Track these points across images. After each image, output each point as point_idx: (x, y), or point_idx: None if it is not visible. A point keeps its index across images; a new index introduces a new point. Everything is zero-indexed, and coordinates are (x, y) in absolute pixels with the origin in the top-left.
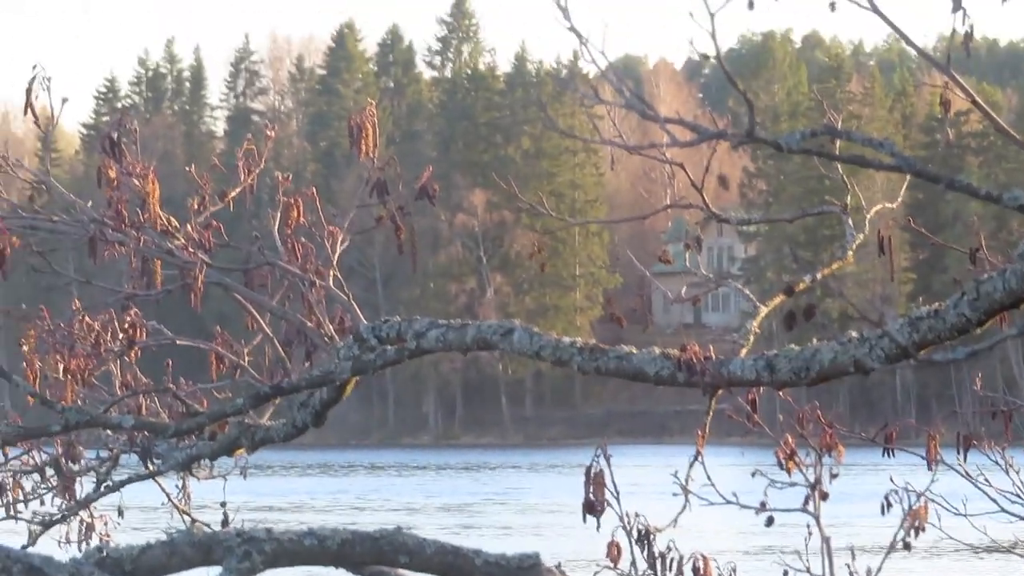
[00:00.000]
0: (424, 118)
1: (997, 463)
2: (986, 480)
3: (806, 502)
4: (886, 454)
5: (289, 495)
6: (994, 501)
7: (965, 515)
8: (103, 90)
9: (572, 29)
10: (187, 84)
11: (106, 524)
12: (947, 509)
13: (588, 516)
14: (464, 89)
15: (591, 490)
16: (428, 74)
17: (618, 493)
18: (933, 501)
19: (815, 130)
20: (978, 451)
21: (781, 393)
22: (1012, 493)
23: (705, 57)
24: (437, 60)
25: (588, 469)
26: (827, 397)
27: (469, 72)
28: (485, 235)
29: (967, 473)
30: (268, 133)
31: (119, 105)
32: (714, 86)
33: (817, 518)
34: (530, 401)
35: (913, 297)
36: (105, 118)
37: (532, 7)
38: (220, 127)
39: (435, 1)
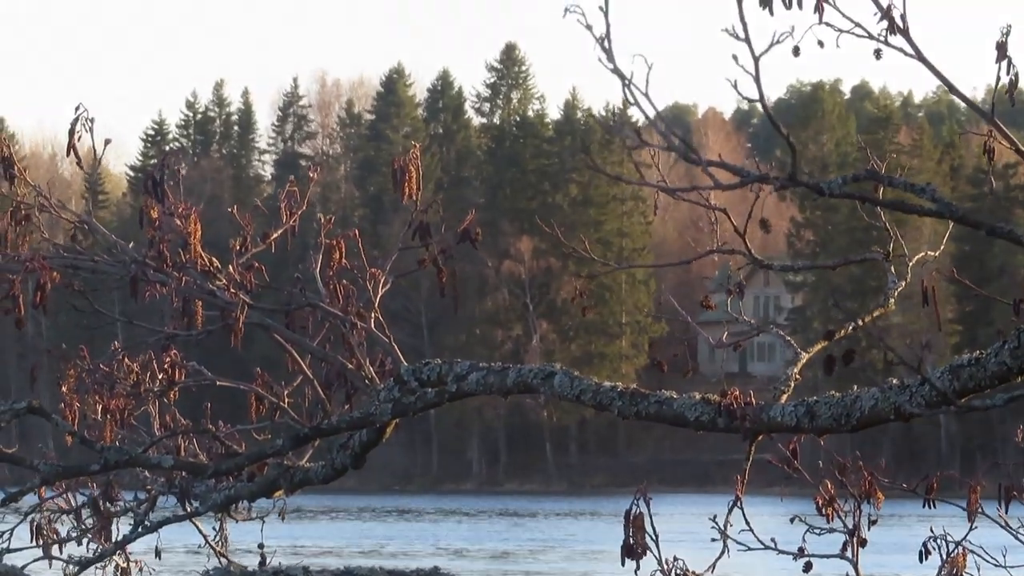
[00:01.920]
0: (472, 164)
1: None
2: None
3: (844, 548)
4: (927, 505)
5: (329, 539)
6: None
7: (1005, 567)
8: (151, 132)
9: (615, 70)
10: (235, 127)
11: (140, 570)
12: (987, 560)
13: (627, 559)
14: (512, 136)
15: (630, 533)
16: (477, 120)
17: (657, 538)
18: (972, 552)
19: (857, 175)
20: (1020, 503)
21: (823, 441)
22: None
23: (750, 101)
24: (486, 106)
25: (627, 512)
26: (870, 447)
27: (518, 119)
28: (532, 282)
29: (1007, 524)
30: (311, 175)
31: (167, 148)
32: (762, 136)
33: (855, 564)
34: (574, 448)
35: (958, 349)
36: (153, 160)
37: (582, 54)
38: (268, 171)
39: (485, 47)
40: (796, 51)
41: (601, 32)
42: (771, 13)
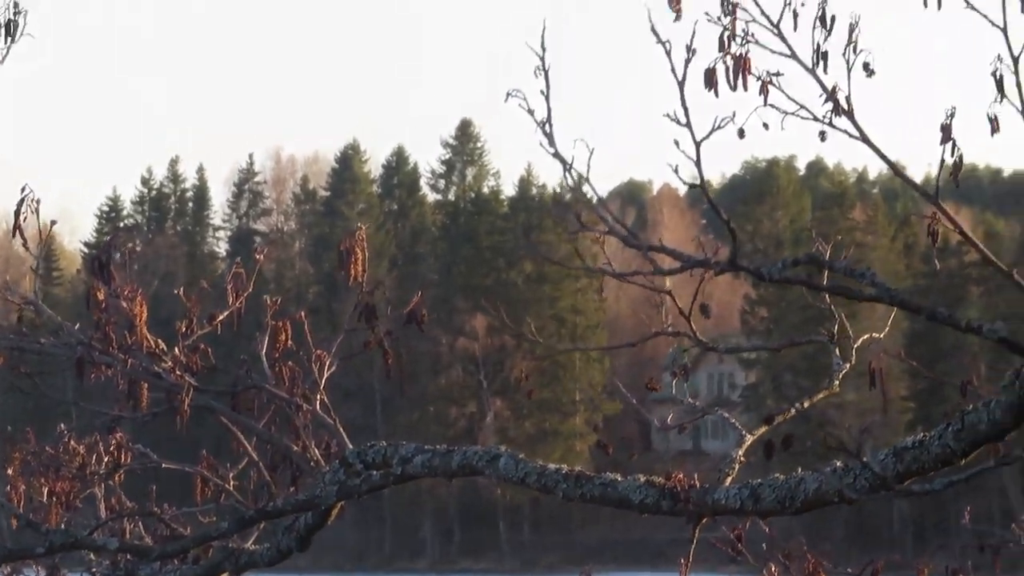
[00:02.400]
0: (427, 241)
1: None
2: None
3: None
4: None
5: None
6: None
7: None
8: (105, 209)
9: (556, 155)
10: (190, 204)
11: None
12: None
13: None
14: (467, 212)
15: None
16: (432, 197)
17: None
18: None
19: (797, 259)
20: None
21: (764, 523)
22: None
23: (691, 186)
24: (441, 183)
25: None
26: (822, 526)
27: (473, 195)
28: (486, 359)
29: None
30: (258, 256)
31: (121, 224)
32: None
33: None
34: (528, 527)
35: (912, 426)
36: (107, 236)
37: (536, 131)
38: (223, 248)
39: (440, 123)
40: (741, 133)
41: (542, 116)
42: (716, 95)
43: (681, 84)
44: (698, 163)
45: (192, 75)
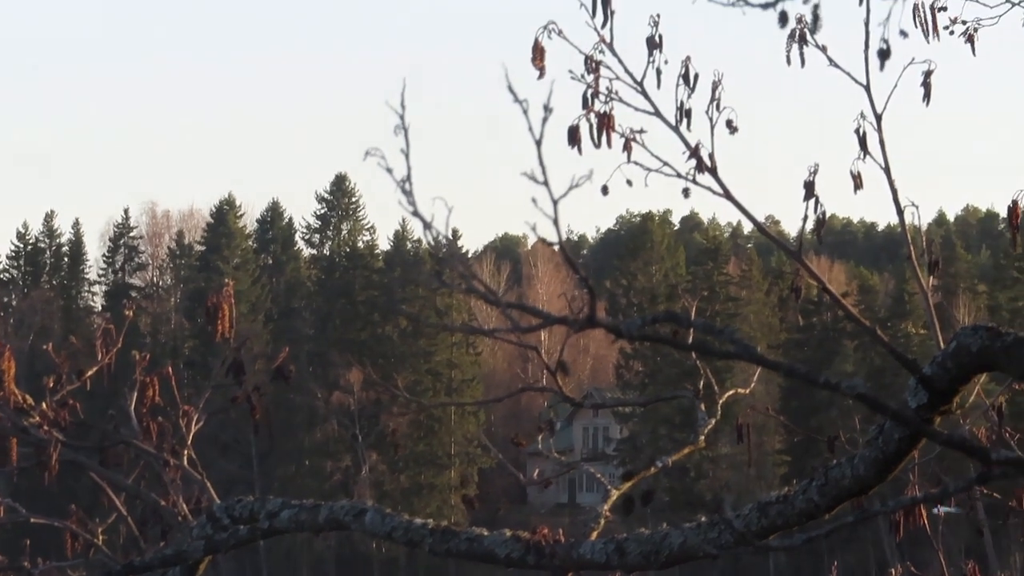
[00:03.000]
0: (302, 295)
1: None
2: None
3: None
4: None
5: None
6: None
7: None
8: None
9: (416, 214)
10: (66, 259)
11: None
12: None
13: None
14: (342, 267)
15: None
16: (307, 251)
17: None
18: None
19: (656, 316)
20: None
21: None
22: None
23: (547, 244)
24: (316, 237)
25: None
26: None
27: (348, 250)
28: (361, 413)
29: None
30: (127, 313)
31: None
32: (592, 266)
33: None
34: None
35: (788, 479)
36: None
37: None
38: (99, 302)
39: (315, 178)
40: (605, 191)
41: (402, 175)
42: (579, 152)
43: (538, 143)
44: (555, 221)
45: (68, 128)
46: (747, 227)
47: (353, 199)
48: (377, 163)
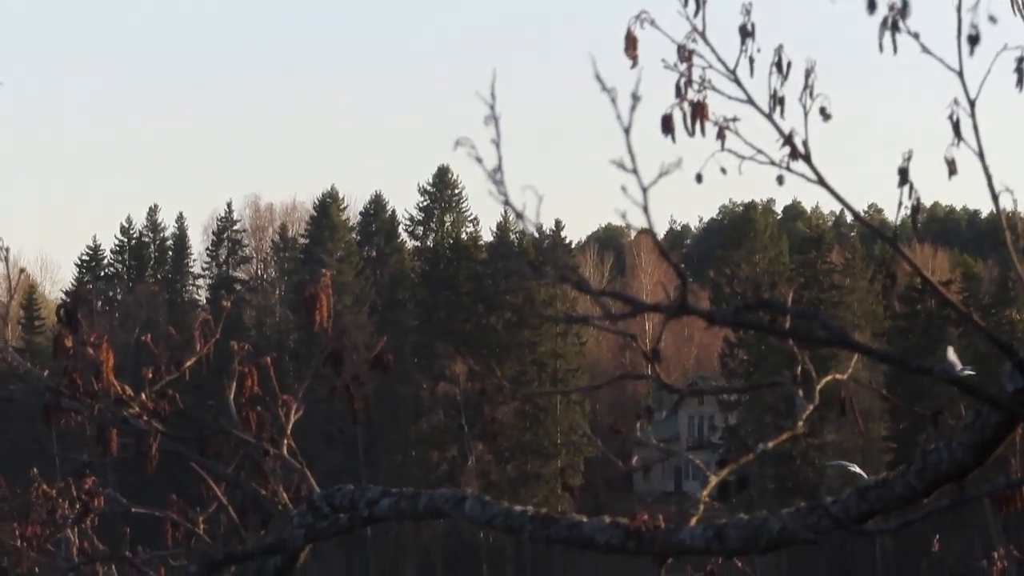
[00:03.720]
0: (406, 287)
1: None
2: None
3: None
4: None
5: None
6: None
7: None
8: (86, 258)
9: (507, 203)
10: (170, 253)
11: None
12: None
13: None
14: (446, 258)
15: None
16: (410, 243)
17: None
18: None
19: (749, 304)
20: None
21: (742, 563)
22: None
23: (639, 232)
24: (419, 230)
25: None
26: (804, 566)
27: (451, 241)
28: (467, 403)
29: None
30: (225, 304)
31: (102, 273)
32: (695, 256)
33: None
34: (511, 570)
35: (893, 466)
36: (89, 286)
37: (513, 178)
38: (203, 295)
39: (418, 170)
40: (699, 179)
41: (493, 165)
42: (673, 141)
43: (627, 130)
44: (646, 209)
45: (171, 121)
46: (850, 216)
47: (456, 191)
48: (467, 153)
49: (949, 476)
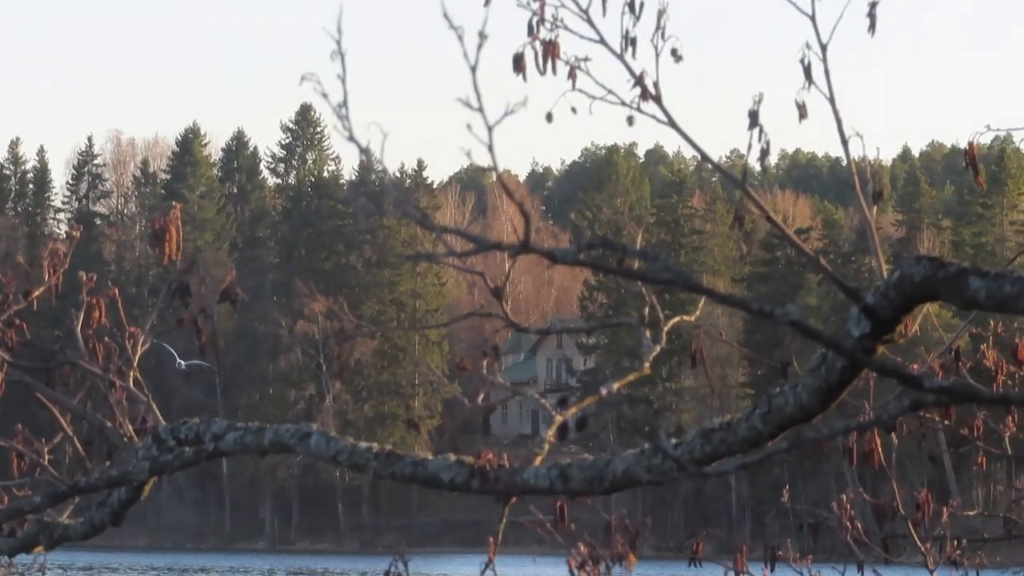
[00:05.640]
0: (267, 225)
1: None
2: None
3: None
4: (692, 564)
5: None
6: None
7: None
8: None
9: (352, 139)
10: (31, 186)
11: None
12: None
13: None
14: (307, 196)
15: None
16: (272, 181)
17: None
18: None
19: (591, 243)
20: (787, 565)
21: (591, 502)
22: None
23: (484, 169)
24: (281, 167)
25: (387, 574)
26: (661, 509)
27: (312, 179)
28: (325, 342)
29: None
30: (75, 234)
31: None
32: (557, 198)
33: None
34: (366, 508)
35: None
36: None
37: (377, 115)
38: (63, 229)
39: (280, 108)
40: (549, 118)
41: (338, 100)
42: (524, 79)
43: (473, 68)
44: (491, 148)
45: (34, 54)
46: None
47: (318, 129)
48: (313, 88)
49: (794, 420)
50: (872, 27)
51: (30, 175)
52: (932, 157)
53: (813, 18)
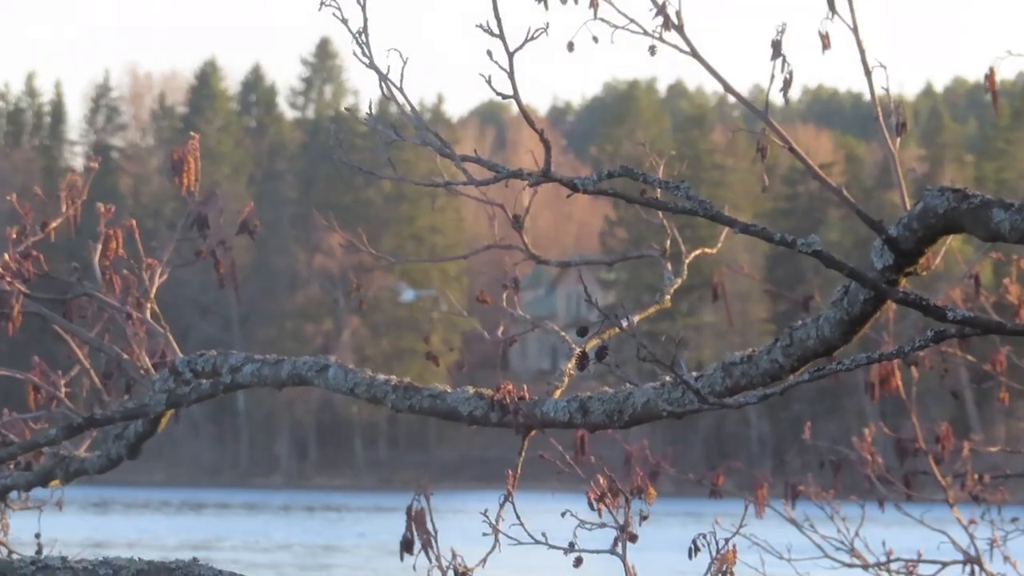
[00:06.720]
0: (285, 158)
1: (824, 511)
2: (812, 527)
3: (615, 544)
4: (713, 497)
5: (134, 533)
6: (819, 547)
7: (789, 560)
8: None
9: (372, 66)
10: (47, 119)
11: None
12: (771, 554)
13: (406, 554)
14: (326, 130)
15: (411, 529)
16: (291, 114)
17: (436, 534)
18: (759, 546)
19: (612, 171)
20: (808, 501)
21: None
22: (837, 540)
23: (504, 97)
24: (300, 100)
25: (409, 508)
26: (682, 446)
27: (331, 113)
28: (343, 277)
29: (793, 520)
30: (93, 165)
31: None
32: (578, 132)
33: (623, 559)
34: (384, 444)
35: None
36: None
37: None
38: (80, 163)
39: (299, 41)
40: (571, 46)
41: (358, 26)
42: (546, 7)
43: None
44: (511, 75)
45: None
46: (729, 94)
47: (336, 62)
48: (332, 14)
49: (816, 353)
50: None
51: (47, 108)
52: (955, 92)
53: None
